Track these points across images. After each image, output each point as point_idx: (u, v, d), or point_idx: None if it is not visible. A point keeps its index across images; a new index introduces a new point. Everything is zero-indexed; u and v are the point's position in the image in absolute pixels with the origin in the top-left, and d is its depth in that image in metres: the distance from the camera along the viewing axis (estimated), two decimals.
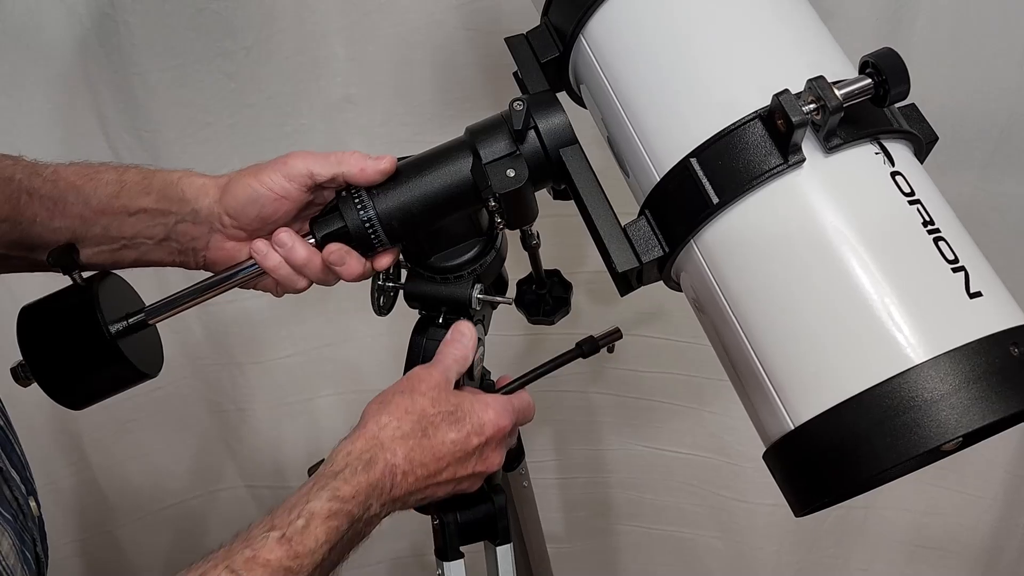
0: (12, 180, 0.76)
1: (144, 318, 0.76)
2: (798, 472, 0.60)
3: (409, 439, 0.69)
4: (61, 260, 0.74)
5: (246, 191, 0.74)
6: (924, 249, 0.58)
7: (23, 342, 0.74)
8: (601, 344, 0.83)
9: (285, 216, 0.76)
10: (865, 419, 0.55)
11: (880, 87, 0.60)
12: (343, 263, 0.75)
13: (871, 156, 0.61)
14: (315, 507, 0.63)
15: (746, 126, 0.61)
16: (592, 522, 1.54)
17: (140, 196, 0.76)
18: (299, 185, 0.74)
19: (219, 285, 0.78)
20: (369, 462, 0.67)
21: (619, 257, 0.65)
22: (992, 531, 1.42)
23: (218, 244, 0.78)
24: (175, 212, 0.77)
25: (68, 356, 0.75)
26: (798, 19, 0.68)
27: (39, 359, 0.74)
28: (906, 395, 0.54)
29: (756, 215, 0.61)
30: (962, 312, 0.57)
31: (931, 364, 0.54)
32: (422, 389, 0.72)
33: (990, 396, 0.54)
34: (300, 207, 0.76)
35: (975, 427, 0.53)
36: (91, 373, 0.75)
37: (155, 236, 0.77)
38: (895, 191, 0.60)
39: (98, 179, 0.77)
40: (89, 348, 0.74)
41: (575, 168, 0.71)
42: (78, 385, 0.76)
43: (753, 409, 0.64)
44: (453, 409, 0.72)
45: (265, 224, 0.76)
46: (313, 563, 0.61)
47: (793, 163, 0.59)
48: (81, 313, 0.74)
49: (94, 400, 0.77)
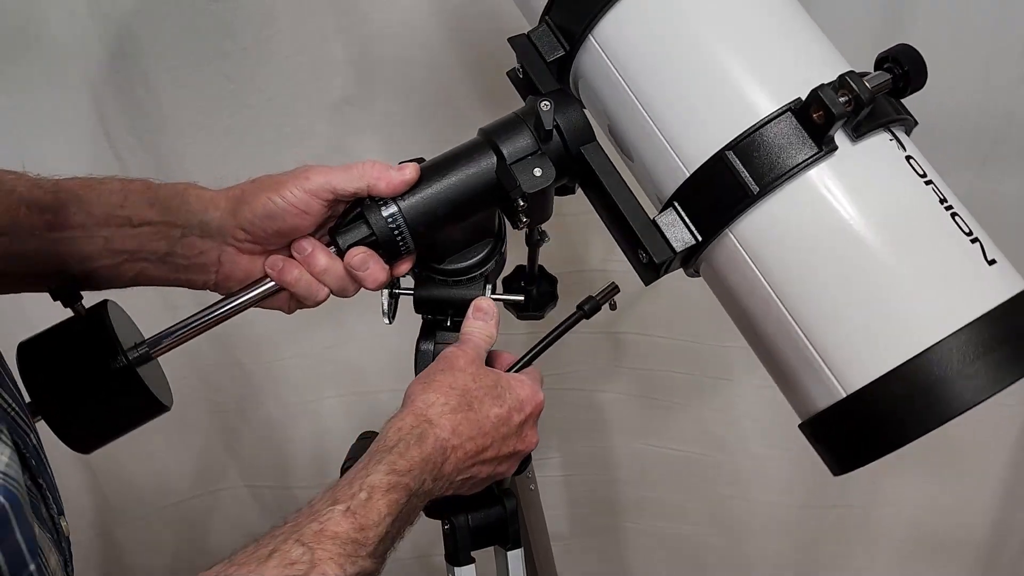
0: (13, 192, 0.74)
1: (154, 347, 0.74)
2: (847, 435, 0.66)
3: (456, 413, 0.69)
4: (62, 292, 0.71)
5: (265, 205, 0.73)
6: (947, 224, 0.65)
7: (29, 379, 0.70)
8: (601, 302, 0.82)
9: (303, 232, 0.75)
10: (920, 380, 0.61)
11: (899, 80, 0.66)
12: (366, 268, 0.74)
13: (887, 142, 0.67)
14: (375, 480, 0.63)
15: (778, 119, 0.65)
16: (595, 519, 1.54)
17: (145, 208, 0.75)
18: (321, 201, 0.73)
19: (233, 307, 0.76)
20: (421, 436, 0.67)
21: (654, 248, 0.69)
22: (992, 528, 1.42)
23: (231, 259, 0.76)
24: (181, 225, 0.75)
25: (83, 390, 0.70)
26: (801, 18, 0.72)
27: (50, 396, 0.70)
28: (955, 357, 0.61)
29: (796, 202, 0.65)
30: (988, 278, 0.64)
31: (969, 329, 0.61)
32: (460, 365, 0.73)
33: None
34: (320, 223, 0.75)
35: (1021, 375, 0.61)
36: (108, 406, 0.72)
37: (158, 251, 0.75)
38: (912, 173, 0.66)
39: (101, 188, 0.75)
40: (106, 379, 0.70)
41: (598, 164, 0.73)
42: (94, 421, 0.72)
43: (795, 384, 0.69)
44: (493, 384, 0.72)
45: (281, 239, 0.75)
46: (377, 535, 0.61)
47: (827, 152, 0.64)
48: (94, 342, 0.71)
49: (107, 438, 0.74)
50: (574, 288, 1.35)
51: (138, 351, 0.73)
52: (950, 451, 1.38)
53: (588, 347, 1.39)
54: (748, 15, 0.70)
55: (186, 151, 1.18)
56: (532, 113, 0.74)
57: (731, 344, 1.33)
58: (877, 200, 0.65)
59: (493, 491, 0.82)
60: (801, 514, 1.45)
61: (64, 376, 0.71)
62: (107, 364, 0.71)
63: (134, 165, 1.18)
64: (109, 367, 0.71)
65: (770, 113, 0.65)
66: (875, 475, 1.42)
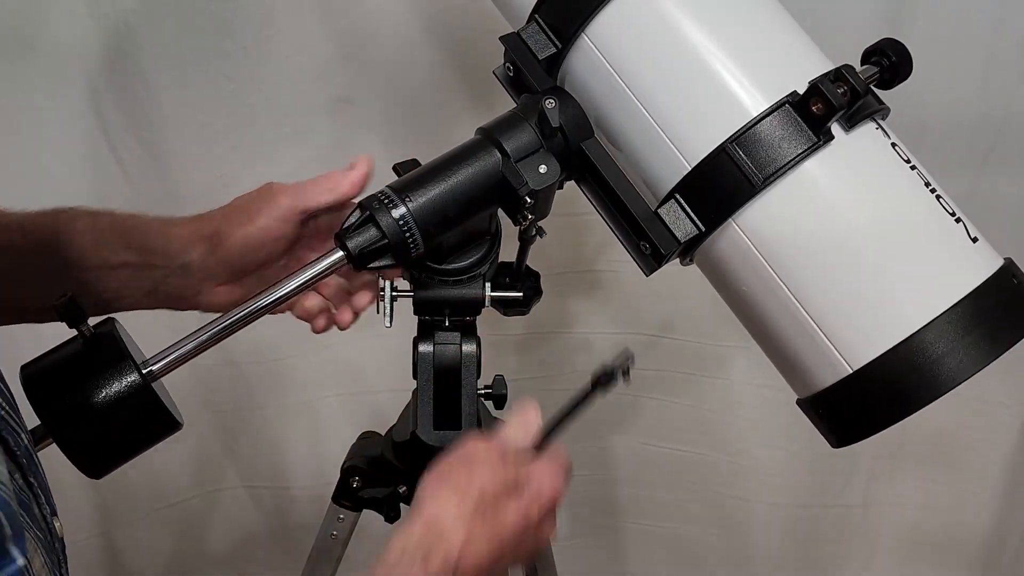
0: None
1: (158, 364, 0.72)
2: (851, 410, 0.69)
3: (471, 522, 0.63)
4: (68, 312, 0.68)
5: (243, 241, 0.74)
6: (934, 207, 0.68)
7: (38, 402, 0.67)
8: (617, 370, 0.77)
9: (282, 253, 0.76)
10: (919, 355, 0.65)
11: (886, 72, 0.70)
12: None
13: (874, 131, 0.70)
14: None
15: (777, 112, 0.67)
16: (593, 519, 1.54)
17: (120, 249, 0.74)
18: (294, 223, 0.74)
19: (236, 325, 0.74)
20: (427, 554, 0.61)
21: (660, 239, 0.71)
22: (991, 528, 1.42)
23: (211, 289, 0.77)
24: (162, 266, 0.75)
25: (97, 411, 0.68)
26: (783, 14, 0.74)
27: (61, 420, 0.68)
28: (953, 329, 0.64)
29: (797, 191, 0.68)
30: (975, 255, 0.68)
31: (964, 303, 0.65)
32: (481, 458, 0.67)
33: (1012, 317, 0.67)
34: (293, 242, 0.77)
35: (1017, 338, 0.66)
36: (122, 426, 0.69)
37: (142, 288, 0.75)
38: (899, 159, 0.69)
39: (72, 228, 0.74)
40: (120, 397, 0.68)
41: (599, 159, 0.74)
42: (107, 443, 0.70)
43: (796, 364, 0.71)
44: (513, 478, 0.66)
45: (258, 267, 0.76)
46: None
47: (825, 141, 0.67)
48: (106, 361, 0.69)
49: (120, 460, 0.72)
50: (574, 288, 1.36)
51: (150, 368, 0.71)
52: (950, 451, 1.39)
53: (587, 348, 1.39)
54: (741, 13, 0.73)
55: (186, 151, 1.17)
56: (532, 110, 0.74)
57: (731, 344, 1.33)
58: (872, 185, 0.69)
59: None
60: (801, 514, 1.45)
61: (76, 398, 0.68)
62: (120, 384, 0.68)
63: (134, 165, 1.18)
64: (123, 387, 0.68)
65: (769, 106, 0.67)
66: (875, 475, 1.42)
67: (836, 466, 1.41)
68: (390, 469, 0.88)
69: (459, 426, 0.83)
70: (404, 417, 0.91)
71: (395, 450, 0.88)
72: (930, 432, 1.36)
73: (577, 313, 1.37)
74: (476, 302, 0.81)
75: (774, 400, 1.33)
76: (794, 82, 0.68)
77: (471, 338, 0.83)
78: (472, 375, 0.83)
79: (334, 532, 0.96)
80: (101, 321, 0.73)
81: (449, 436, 0.82)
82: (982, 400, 1.32)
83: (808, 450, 1.37)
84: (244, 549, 1.47)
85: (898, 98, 0.73)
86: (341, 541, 0.96)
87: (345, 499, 0.93)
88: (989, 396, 1.32)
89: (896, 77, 0.70)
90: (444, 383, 0.83)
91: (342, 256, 0.73)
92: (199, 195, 1.21)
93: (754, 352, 0.77)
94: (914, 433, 1.35)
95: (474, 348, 0.83)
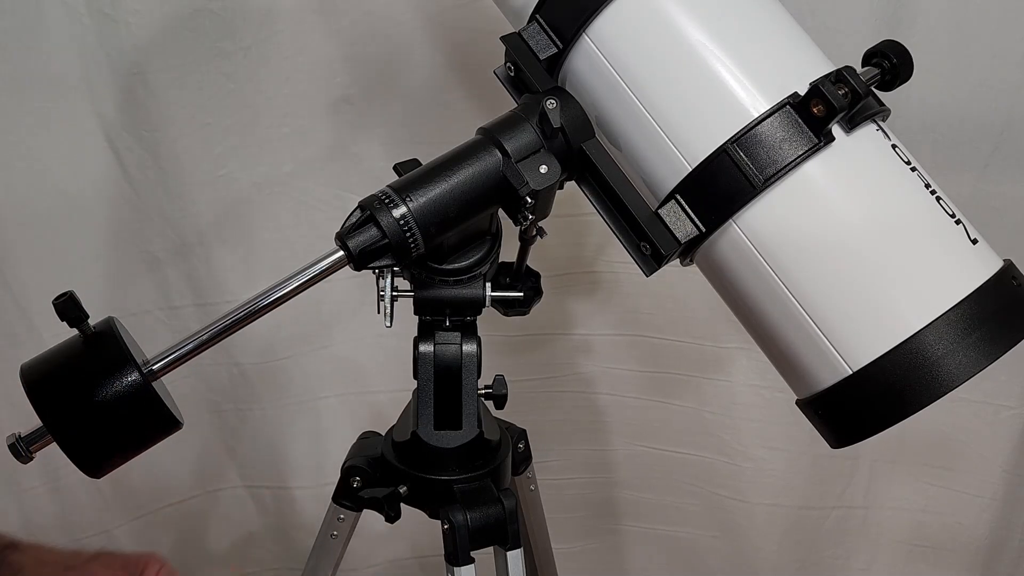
0: None
1: (158, 363, 0.72)
2: (850, 411, 0.69)
3: None
4: (68, 312, 0.68)
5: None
6: (934, 209, 0.68)
7: (40, 403, 0.67)
8: None
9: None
10: (919, 356, 0.65)
11: (887, 73, 0.70)
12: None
13: (875, 132, 0.70)
14: None
15: (778, 113, 0.67)
16: (593, 522, 1.54)
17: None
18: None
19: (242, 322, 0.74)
20: None
21: (661, 240, 0.71)
22: (991, 529, 1.42)
23: None
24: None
25: (98, 409, 0.68)
26: (785, 16, 0.74)
27: (63, 419, 0.68)
28: (953, 330, 0.65)
29: (798, 192, 0.68)
30: (975, 257, 0.68)
31: (964, 304, 0.65)
32: None
33: (1012, 318, 0.67)
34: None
35: (1016, 340, 0.66)
36: (124, 425, 0.69)
37: None
38: (900, 160, 0.69)
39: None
40: (120, 396, 0.68)
41: (600, 160, 0.74)
42: (109, 441, 0.70)
43: (796, 365, 0.71)
44: None
45: None
46: None
47: (825, 143, 0.67)
48: (107, 360, 0.68)
49: (120, 459, 0.72)
50: (575, 288, 1.36)
51: (150, 367, 0.71)
52: (950, 452, 1.38)
53: (586, 349, 1.39)
54: (742, 13, 0.73)
55: (186, 151, 1.18)
56: (533, 111, 0.74)
57: (731, 346, 1.33)
58: (872, 187, 0.69)
59: (493, 491, 0.82)
60: (800, 515, 1.45)
61: (76, 397, 0.68)
62: (121, 382, 0.68)
63: (133, 165, 1.18)
64: (123, 386, 0.68)
65: (770, 107, 0.68)
66: (875, 476, 1.42)
67: (837, 468, 1.41)
68: (390, 469, 0.88)
69: (459, 426, 0.83)
70: (404, 417, 0.91)
71: (395, 450, 0.88)
72: (931, 434, 1.36)
73: (577, 314, 1.37)
74: (477, 302, 0.81)
75: (774, 402, 1.33)
76: (795, 83, 0.68)
77: (471, 338, 0.83)
78: (472, 375, 0.83)
79: (334, 532, 0.96)
80: (101, 320, 0.73)
81: (449, 436, 0.82)
82: (982, 402, 1.32)
83: (809, 452, 1.37)
84: (244, 549, 1.47)
85: (899, 100, 0.73)
86: (341, 541, 0.96)
87: (345, 499, 0.93)
88: (989, 397, 1.32)
89: (897, 79, 0.71)
90: (444, 383, 0.83)
91: (342, 256, 0.73)
92: (199, 195, 1.21)
93: (754, 353, 0.77)
94: (915, 435, 1.35)
95: (474, 348, 0.83)
